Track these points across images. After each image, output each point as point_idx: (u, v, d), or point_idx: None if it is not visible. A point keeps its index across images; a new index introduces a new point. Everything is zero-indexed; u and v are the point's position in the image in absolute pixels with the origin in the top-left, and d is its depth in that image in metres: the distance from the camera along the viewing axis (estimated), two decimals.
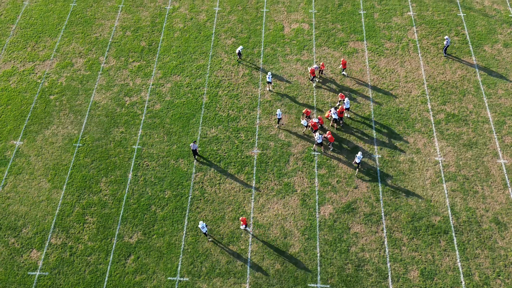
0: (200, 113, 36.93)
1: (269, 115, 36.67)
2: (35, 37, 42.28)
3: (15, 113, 36.98)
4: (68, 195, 32.63)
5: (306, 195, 32.42)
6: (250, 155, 34.54)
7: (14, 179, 33.40)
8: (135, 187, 33.01)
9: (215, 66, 40.01)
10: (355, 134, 35.37)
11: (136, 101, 37.75)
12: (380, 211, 31.60)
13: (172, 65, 40.07)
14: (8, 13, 44.39)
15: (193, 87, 38.65)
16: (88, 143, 35.24)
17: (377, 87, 38.16)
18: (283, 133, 35.64)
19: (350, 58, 40.24)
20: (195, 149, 33.42)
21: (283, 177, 33.34)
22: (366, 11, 43.97)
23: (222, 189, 32.85)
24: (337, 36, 41.98)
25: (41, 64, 40.21)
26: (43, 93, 38.17)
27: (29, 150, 34.85)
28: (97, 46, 41.53)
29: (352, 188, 32.67)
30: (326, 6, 44.52)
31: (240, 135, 35.66)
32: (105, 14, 44.10)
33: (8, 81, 39.07)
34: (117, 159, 34.42)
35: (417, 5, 44.20)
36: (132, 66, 40.04)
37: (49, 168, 33.94)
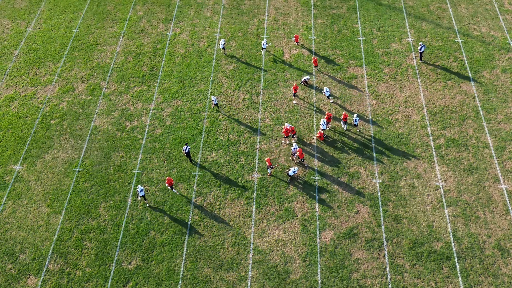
0: (200, 138, 36.98)
1: (270, 140, 36.71)
2: (38, 63, 42.69)
3: (16, 138, 37.02)
4: (67, 220, 32.38)
5: (307, 220, 32.16)
6: (250, 179, 34.42)
7: (13, 204, 33.20)
8: (135, 212, 32.78)
9: (215, 91, 40.26)
10: (356, 159, 35.31)
11: (137, 125, 37.84)
12: (382, 236, 31.29)
13: (173, 90, 40.33)
14: (11, 39, 44.94)
15: (193, 111, 38.81)
16: (88, 168, 35.16)
17: (377, 112, 38.31)
18: (283, 157, 35.60)
19: (350, 83, 40.52)
20: (188, 151, 34.21)
21: (283, 202, 33.15)
22: (365, 37, 44.50)
23: (222, 214, 32.62)
24: (337, 61, 42.38)
25: (42, 89, 40.49)
26: (44, 118, 38.30)
27: (28, 175, 34.76)
28: (98, 71, 41.89)
29: (353, 213, 32.44)
30: (325, 33, 45.08)
31: (240, 159, 35.63)
32: (107, 40, 44.63)
33: (10, 106, 39.27)
34: (116, 184, 34.28)
35: (416, 32, 44.76)
36: (133, 91, 40.30)
37: (49, 192, 33.78)
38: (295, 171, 33.70)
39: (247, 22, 46.31)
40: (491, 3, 47.23)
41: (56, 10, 47.75)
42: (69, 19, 46.79)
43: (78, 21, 46.48)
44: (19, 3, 48.69)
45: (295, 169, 33.75)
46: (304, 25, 45.86)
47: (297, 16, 46.79)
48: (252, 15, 47.06)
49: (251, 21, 46.41)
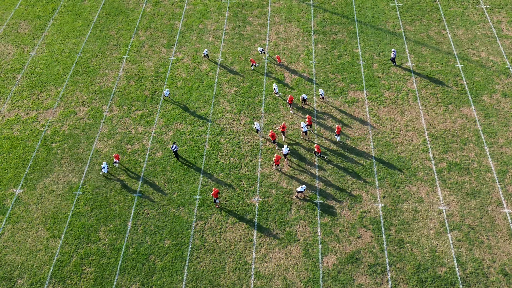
0: (201, 161, 36.89)
1: (271, 163, 36.60)
2: (40, 86, 42.96)
3: (16, 161, 36.95)
4: (66, 244, 32.02)
5: (309, 245, 31.79)
6: (252, 203, 34.19)
7: (12, 228, 32.89)
8: (135, 236, 32.44)
9: (217, 114, 40.38)
10: (358, 182, 35.15)
11: (138, 149, 37.81)
12: (385, 261, 30.88)
13: (174, 114, 40.46)
14: (14, 63, 45.34)
15: (195, 135, 38.84)
16: (89, 191, 34.97)
17: (378, 135, 38.33)
18: (285, 181, 35.44)
19: (351, 107, 40.69)
20: (175, 150, 35.50)
21: (285, 226, 32.84)
22: (365, 62, 44.89)
23: (223, 238, 32.27)
24: (337, 85, 42.65)
25: (44, 113, 40.62)
26: (45, 141, 38.31)
27: (28, 198, 34.54)
28: (100, 95, 42.11)
29: (355, 238, 32.09)
30: (326, 57, 45.50)
31: (242, 182, 35.46)
32: (110, 64, 45.01)
33: (11, 129, 39.33)
34: (117, 207, 34.04)
35: (415, 56, 45.18)
36: (135, 114, 40.43)
37: (48, 216, 33.51)
38: (303, 188, 33.49)
39: (248, 47, 46.79)
40: (490, 29, 47.82)
41: (59, 35, 48.32)
42: (72, 43, 47.31)
43: (81, 46, 46.99)
44: (23, 28, 49.32)
45: (304, 186, 33.55)
46: (304, 50, 46.33)
47: (297, 41, 47.32)
48: (253, 40, 47.60)
49: (252, 46, 46.90)
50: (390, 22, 49.19)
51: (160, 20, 50.04)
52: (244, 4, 51.99)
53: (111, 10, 51.35)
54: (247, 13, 50.84)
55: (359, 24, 49.14)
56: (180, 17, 50.41)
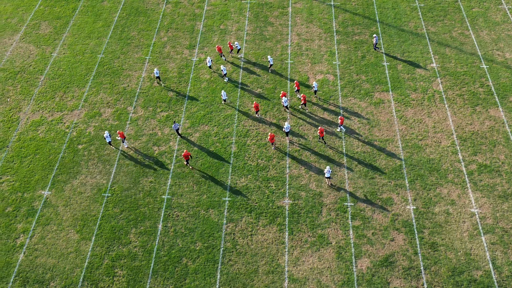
0: (229, 163, 36.64)
1: (299, 165, 36.35)
2: (64, 88, 42.78)
3: (43, 163, 36.76)
4: (97, 246, 31.81)
5: (342, 248, 31.51)
6: (282, 205, 33.93)
7: (42, 230, 32.70)
8: (165, 239, 32.21)
9: (242, 116, 40.14)
10: (388, 185, 34.86)
11: (165, 150, 37.59)
12: (419, 264, 30.58)
13: (200, 115, 40.22)
14: (36, 64, 45.17)
15: (221, 136, 38.60)
16: (117, 193, 34.76)
17: (406, 137, 38.04)
18: (314, 183, 35.17)
19: (377, 109, 40.40)
20: (177, 129, 36.83)
21: (316, 229, 32.57)
22: (389, 63, 44.59)
23: (255, 241, 32.02)
24: (362, 87, 42.36)
25: (69, 114, 40.43)
26: (71, 143, 38.12)
27: (57, 200, 34.35)
28: (125, 96, 41.91)
29: (388, 241, 31.80)
30: (349, 58, 45.22)
31: (270, 184, 35.20)
32: (132, 65, 44.82)
33: (37, 130, 39.14)
34: (146, 210, 33.82)
35: (440, 57, 44.85)
36: (160, 116, 40.21)
37: (78, 218, 33.30)
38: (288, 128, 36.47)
39: (271, 48, 46.54)
40: None
41: (80, 36, 48.15)
42: (94, 44, 47.13)
43: (102, 47, 46.80)
44: (43, 29, 49.16)
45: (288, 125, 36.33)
46: (327, 50, 46.06)
47: (320, 42, 47.04)
48: (276, 41, 47.34)
49: (275, 47, 46.65)
50: (413, 23, 48.86)
51: (180, 21, 49.83)
52: (264, 5, 51.74)
53: (131, 11, 51.16)
54: (268, 14, 50.59)
55: (381, 25, 48.83)
56: (200, 18, 50.19)
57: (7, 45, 47.26)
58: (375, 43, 45.19)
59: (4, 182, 35.44)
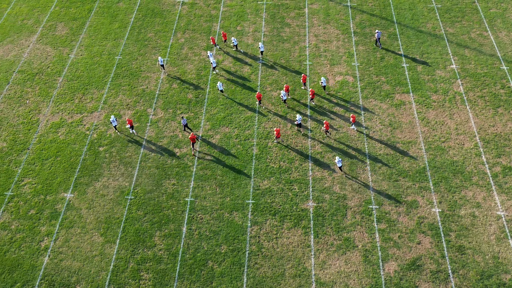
0: (251, 165, 36.45)
1: (321, 167, 36.15)
2: (82, 89, 42.63)
3: (65, 165, 36.61)
4: (122, 249, 31.64)
5: (368, 251, 31.29)
6: (306, 208, 33.73)
7: (65, 233, 32.54)
8: (190, 241, 32.02)
9: (262, 117, 39.94)
10: (412, 187, 34.62)
11: (186, 152, 37.40)
12: (447, 268, 30.34)
13: (220, 117, 40.04)
14: (54, 66, 45.04)
15: (242, 138, 38.41)
16: (140, 196, 34.59)
17: (429, 139, 37.79)
18: (338, 186, 34.95)
19: (398, 110, 40.16)
20: (185, 124, 37.45)
21: (342, 232, 32.35)
22: (408, 64, 44.35)
23: (280, 244, 31.81)
24: (383, 88, 42.13)
25: (89, 116, 40.29)
26: (92, 145, 37.96)
27: (80, 203, 34.19)
28: (144, 98, 41.74)
29: (415, 244, 31.56)
30: (368, 59, 44.99)
31: (294, 187, 35.00)
32: (150, 67, 44.65)
33: (57, 132, 39.00)
34: (170, 212, 33.64)
35: (459, 59, 44.60)
36: (180, 118, 40.01)
37: (101, 221, 33.14)
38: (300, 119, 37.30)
39: (289, 49, 46.33)
40: None
41: (97, 37, 48.01)
42: (111, 46, 46.99)
43: (120, 48, 46.65)
44: (60, 30, 49.04)
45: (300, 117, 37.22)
46: (346, 51, 45.84)
47: (338, 43, 46.83)
48: (293, 42, 47.14)
49: (293, 48, 46.44)
50: (430, 24, 48.62)
51: (197, 22, 49.65)
52: (280, 6, 51.54)
53: (147, 12, 51.02)
54: (284, 15, 50.39)
55: (398, 26, 48.59)
56: (217, 19, 50.01)
57: (24, 46, 47.15)
58: (378, 38, 45.34)
59: (26, 185, 35.31)
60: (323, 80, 40.88)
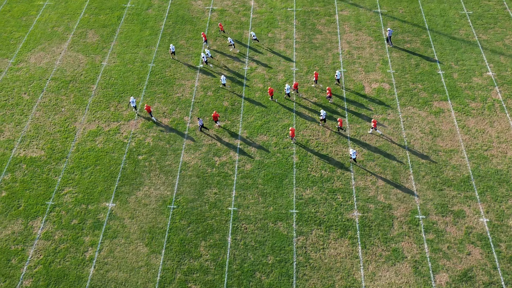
0: (292, 174, 36.08)
1: (364, 176, 35.74)
2: (117, 97, 42.42)
3: (105, 174, 36.33)
4: (168, 260, 31.28)
5: (418, 262, 30.81)
6: (351, 218, 33.30)
7: (110, 243, 32.21)
8: (236, 252, 31.64)
9: (300, 125, 39.60)
10: (458, 197, 34.16)
11: (226, 161, 37.08)
12: (500, 279, 29.83)
13: (257, 125, 39.72)
14: (87, 73, 44.87)
15: (281, 146, 38.06)
16: (183, 205, 34.26)
17: (471, 147, 37.34)
18: (382, 195, 34.53)
19: (437, 118, 39.74)
20: (201, 124, 37.92)
21: (389, 242, 31.90)
22: (444, 71, 43.96)
23: (328, 255, 31.38)
24: (420, 96, 41.73)
25: (126, 124, 40.04)
26: (131, 153, 37.68)
27: (122, 212, 33.88)
28: (180, 106, 41.49)
29: (465, 255, 31.07)
30: (403, 66, 44.63)
31: (337, 196, 34.60)
32: (184, 75, 44.42)
33: (94, 141, 38.76)
34: (214, 222, 33.28)
35: (495, 66, 44.18)
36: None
37: (145, 231, 32.80)
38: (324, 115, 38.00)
39: (322, 56, 46.03)
40: None
41: (128, 45, 47.85)
42: (143, 53, 46.81)
43: (152, 56, 46.46)
44: (90, 37, 48.92)
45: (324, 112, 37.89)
46: (380, 58, 45.50)
47: (371, 50, 46.51)
48: (326, 49, 46.84)
49: (326, 55, 46.15)
50: (463, 31, 48.25)
51: (228, 29, 49.42)
52: (310, 13, 51.30)
53: (177, 19, 50.86)
54: (315, 22, 50.14)
55: (431, 33, 48.24)
56: (247, 26, 49.79)
57: (55, 54, 47.03)
58: (389, 36, 45.72)
59: (67, 194, 35.04)
60: (338, 74, 41.57)
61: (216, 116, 38.30)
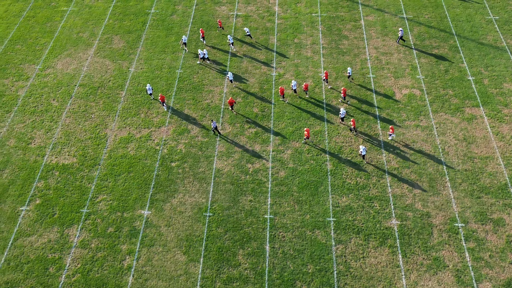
0: (327, 181, 35.79)
1: (400, 183, 35.42)
2: (147, 103, 42.25)
3: (138, 181, 36.12)
4: (207, 269, 31.00)
5: (460, 271, 30.44)
6: (390, 226, 32.97)
7: (147, 251, 31.96)
8: (275, 260, 31.34)
9: (332, 132, 39.33)
10: (496, 204, 33.79)
11: (259, 168, 36.83)
12: None
13: (288, 131, 39.47)
14: (115, 79, 44.75)
15: (314, 153, 37.78)
16: (218, 213, 34.00)
17: (506, 154, 36.98)
18: (420, 203, 34.19)
19: (470, 125, 39.41)
20: (215, 126, 38.06)
21: (430, 251, 31.54)
22: (474, 77, 43.65)
23: (368, 264, 31.04)
24: (451, 102, 41.42)
25: (157, 131, 39.85)
26: (163, 160, 37.47)
27: (158, 220, 33.64)
28: (210, 112, 41.28)
29: (507, 263, 30.69)
30: (432, 72, 44.34)
31: (374, 204, 34.27)
32: (213, 81, 44.24)
33: (126, 148, 38.58)
34: (250, 230, 33.00)
35: None
36: (248, 132, 39.51)
37: (182, 239, 32.55)
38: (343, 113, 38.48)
39: (350, 62, 45.79)
40: None
41: (155, 51, 47.72)
42: (170, 59, 46.67)
43: (179, 62, 46.31)
44: (116, 43, 48.82)
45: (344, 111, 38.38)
46: (409, 64, 45.22)
47: (399, 56, 46.24)
48: (353, 54, 46.61)
49: (354, 61, 45.90)
50: (491, 36, 47.94)
51: (253, 34, 49.26)
52: (335, 18, 51.10)
53: (201, 25, 50.71)
54: (340, 27, 49.92)
55: (458, 38, 47.94)
56: (273, 32, 49.62)
57: (82, 59, 46.94)
58: (400, 36, 46.39)
59: (101, 202, 34.84)
60: (349, 70, 42.44)
61: (232, 102, 39.51)
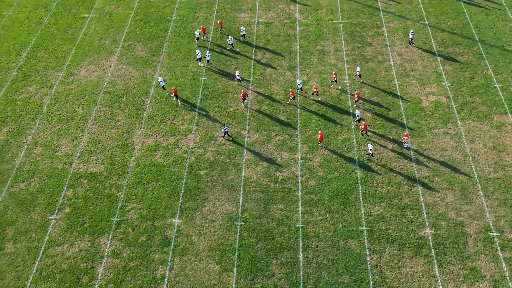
0: (358, 190, 35.49)
1: (432, 192, 35.08)
2: (172, 111, 42.08)
3: (168, 189, 35.89)
4: (241, 278, 30.69)
5: (498, 282, 30.05)
6: (424, 235, 32.61)
7: (180, 260, 31.68)
8: (310, 271, 31.00)
9: (360, 139, 39.05)
10: None
11: (289, 176, 36.56)
12: None
13: (316, 139, 39.19)
14: (140, 86, 44.61)
15: (343, 161, 37.50)
16: (249, 221, 33.72)
17: None
18: (453, 212, 33.84)
19: (500, 132, 39.09)
20: (226, 131, 38.23)
21: (466, 261, 31.16)
22: (501, 84, 43.37)
23: (404, 274, 30.68)
24: (479, 109, 41.13)
25: (184, 138, 39.65)
26: (192, 168, 37.24)
27: (189, 229, 33.37)
28: (236, 119, 41.09)
29: None
30: (458, 79, 44.08)
31: (407, 213, 33.93)
32: (237, 88, 44.06)
33: (154, 155, 38.37)
34: (283, 239, 32.69)
35: None
36: (275, 140, 39.27)
37: (214, 248, 32.26)
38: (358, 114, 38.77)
39: (374, 69, 45.57)
40: None
41: (178, 58, 47.61)
42: (193, 66, 46.53)
43: (203, 69, 46.16)
44: (138, 50, 48.74)
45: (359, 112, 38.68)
46: (434, 71, 44.97)
47: (423, 63, 46.00)
48: (377, 61, 46.40)
49: (378, 68, 45.68)
50: None
51: (275, 41, 49.14)
52: (357, 25, 50.95)
53: (223, 32, 50.58)
54: (363, 34, 49.75)
55: (482, 45, 47.70)
56: (295, 39, 49.47)
57: (105, 67, 46.85)
58: (411, 38, 47.00)
59: (131, 210, 34.61)
60: (358, 69, 43.00)
61: (244, 94, 40.66)
